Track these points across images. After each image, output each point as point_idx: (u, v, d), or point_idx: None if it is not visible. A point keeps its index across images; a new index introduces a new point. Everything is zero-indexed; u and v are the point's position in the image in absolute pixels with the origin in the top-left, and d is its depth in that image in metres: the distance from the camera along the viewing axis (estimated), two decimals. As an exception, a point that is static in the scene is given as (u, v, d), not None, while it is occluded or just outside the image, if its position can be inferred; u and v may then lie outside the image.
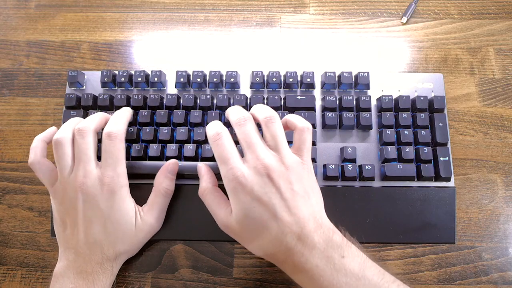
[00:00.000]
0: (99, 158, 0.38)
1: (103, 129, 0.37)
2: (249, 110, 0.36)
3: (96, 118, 0.38)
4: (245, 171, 0.32)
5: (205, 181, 0.37)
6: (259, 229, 0.32)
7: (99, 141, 0.39)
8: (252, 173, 0.32)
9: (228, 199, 0.34)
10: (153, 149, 0.41)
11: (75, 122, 0.37)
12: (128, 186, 0.37)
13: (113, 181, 0.35)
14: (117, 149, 0.36)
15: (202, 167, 0.38)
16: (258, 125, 0.35)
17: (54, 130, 0.39)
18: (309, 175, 0.34)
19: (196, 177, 0.38)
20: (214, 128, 0.34)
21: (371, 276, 0.30)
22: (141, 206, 0.39)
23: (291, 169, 0.32)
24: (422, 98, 0.42)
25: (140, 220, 0.37)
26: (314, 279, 0.30)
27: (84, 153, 0.35)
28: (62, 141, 0.35)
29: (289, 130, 0.36)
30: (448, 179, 0.41)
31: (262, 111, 0.35)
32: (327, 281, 0.30)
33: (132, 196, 0.38)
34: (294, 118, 0.35)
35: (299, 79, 0.44)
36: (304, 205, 0.32)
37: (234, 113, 0.35)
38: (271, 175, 0.32)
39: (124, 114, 0.39)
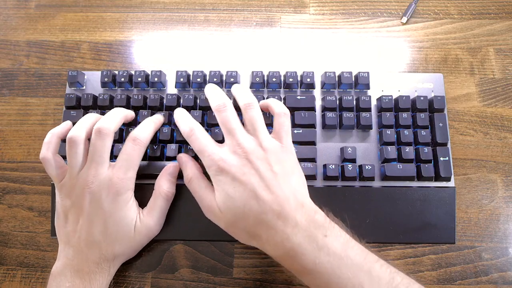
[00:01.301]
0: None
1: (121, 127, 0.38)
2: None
3: (117, 117, 0.37)
4: (223, 155, 0.33)
5: (189, 169, 0.37)
6: (240, 209, 0.32)
7: (115, 141, 0.40)
8: (231, 156, 0.33)
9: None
10: (153, 149, 0.41)
11: (91, 120, 0.37)
12: (133, 191, 0.37)
13: (121, 183, 0.35)
14: (136, 154, 0.36)
15: (182, 156, 0.38)
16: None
17: (69, 125, 0.39)
18: (289, 157, 0.35)
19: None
20: (186, 125, 0.36)
21: (353, 255, 0.30)
22: (139, 205, 0.38)
23: (269, 152, 0.34)
24: (422, 98, 0.42)
25: (140, 223, 0.37)
26: (296, 258, 0.30)
27: (99, 155, 0.35)
28: (77, 140, 0.36)
29: (267, 112, 0.39)
30: (448, 179, 0.41)
31: (242, 97, 0.36)
32: (309, 260, 0.30)
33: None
34: (272, 103, 0.37)
35: (299, 79, 0.44)
36: (284, 184, 0.33)
37: (214, 98, 0.37)
38: (249, 157, 0.33)
39: (155, 123, 0.39)
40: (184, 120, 0.37)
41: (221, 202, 0.33)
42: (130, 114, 0.40)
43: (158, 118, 0.40)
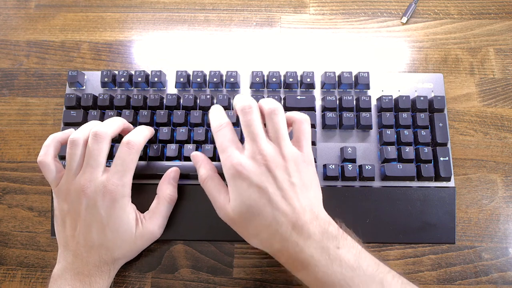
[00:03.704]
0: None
1: (119, 134, 0.38)
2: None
3: (115, 123, 0.37)
4: (243, 160, 0.33)
5: (204, 168, 0.37)
6: (255, 216, 0.32)
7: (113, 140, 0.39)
8: (250, 162, 0.32)
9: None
10: (153, 149, 0.41)
11: (94, 124, 0.37)
12: (130, 196, 0.37)
13: (116, 189, 0.35)
14: (131, 159, 0.36)
15: (198, 155, 0.38)
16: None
17: (71, 132, 0.38)
18: (308, 167, 0.34)
19: (197, 177, 0.38)
20: (217, 120, 0.35)
21: (366, 266, 0.30)
22: (138, 206, 0.38)
23: (289, 161, 0.33)
24: (422, 98, 0.42)
25: (142, 227, 0.37)
26: (309, 269, 0.30)
27: (95, 159, 0.35)
28: (78, 141, 0.35)
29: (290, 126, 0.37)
30: (448, 179, 0.41)
31: (267, 102, 0.35)
32: (322, 272, 0.30)
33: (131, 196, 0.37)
34: (292, 113, 0.36)
35: (299, 79, 0.44)
36: (302, 196, 0.32)
37: (241, 100, 0.35)
38: (269, 165, 0.32)
39: (147, 130, 0.39)
40: (216, 115, 0.36)
41: (236, 207, 0.33)
42: (127, 124, 0.39)
43: (149, 128, 0.40)
